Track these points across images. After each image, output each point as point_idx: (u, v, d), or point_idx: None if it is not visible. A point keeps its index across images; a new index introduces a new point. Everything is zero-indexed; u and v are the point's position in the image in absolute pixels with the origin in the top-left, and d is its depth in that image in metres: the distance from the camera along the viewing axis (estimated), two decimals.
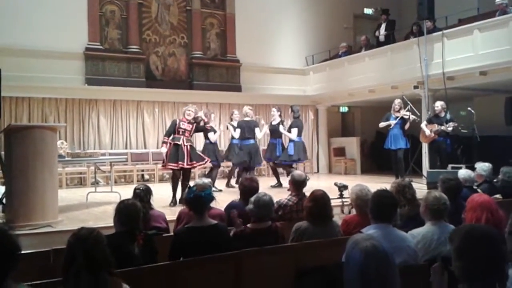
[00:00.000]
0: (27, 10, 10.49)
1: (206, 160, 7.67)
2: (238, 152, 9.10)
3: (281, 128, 9.25)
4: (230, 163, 9.96)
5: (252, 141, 9.10)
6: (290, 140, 9.13)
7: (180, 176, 7.27)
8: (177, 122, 7.38)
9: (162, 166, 7.49)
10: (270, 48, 13.69)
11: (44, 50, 10.51)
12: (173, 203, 7.07)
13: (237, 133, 9.13)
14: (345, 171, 13.22)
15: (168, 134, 7.39)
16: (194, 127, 7.52)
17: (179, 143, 7.19)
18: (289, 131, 9.19)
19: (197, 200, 3.43)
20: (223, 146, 10.92)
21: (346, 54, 13.03)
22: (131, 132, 11.56)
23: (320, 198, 3.67)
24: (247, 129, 9.09)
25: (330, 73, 13.17)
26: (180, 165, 7.13)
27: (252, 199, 3.63)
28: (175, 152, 7.16)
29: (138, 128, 11.65)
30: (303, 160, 9.54)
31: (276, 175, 9.57)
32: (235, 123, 9.31)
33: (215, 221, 3.50)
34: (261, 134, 9.46)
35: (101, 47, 11.46)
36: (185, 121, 7.41)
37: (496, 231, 2.00)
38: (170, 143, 7.24)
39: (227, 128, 9.53)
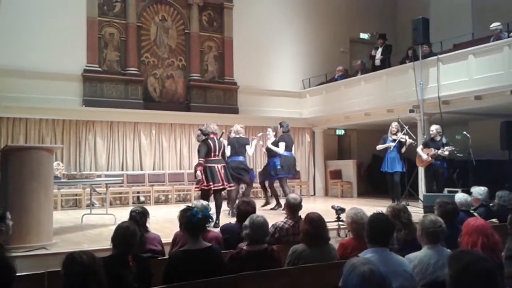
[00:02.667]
0: (25, 31, 10.57)
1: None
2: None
3: (268, 143, 9.31)
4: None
5: (241, 157, 9.09)
6: (277, 155, 9.17)
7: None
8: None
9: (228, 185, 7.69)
10: (267, 71, 13.82)
11: (42, 72, 10.55)
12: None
13: (228, 150, 9.19)
14: (342, 194, 13.19)
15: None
16: None
17: None
18: (277, 146, 9.23)
19: (191, 223, 3.42)
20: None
21: (342, 78, 13.13)
22: (128, 153, 11.53)
23: (317, 220, 3.71)
24: (238, 146, 9.14)
25: (327, 96, 13.28)
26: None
27: (247, 221, 3.63)
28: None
29: (134, 149, 11.63)
30: (292, 175, 9.51)
31: (276, 196, 9.53)
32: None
33: (209, 244, 3.49)
34: (251, 150, 9.48)
35: (99, 68, 11.53)
36: None
37: (496, 266, 2.01)
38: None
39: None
